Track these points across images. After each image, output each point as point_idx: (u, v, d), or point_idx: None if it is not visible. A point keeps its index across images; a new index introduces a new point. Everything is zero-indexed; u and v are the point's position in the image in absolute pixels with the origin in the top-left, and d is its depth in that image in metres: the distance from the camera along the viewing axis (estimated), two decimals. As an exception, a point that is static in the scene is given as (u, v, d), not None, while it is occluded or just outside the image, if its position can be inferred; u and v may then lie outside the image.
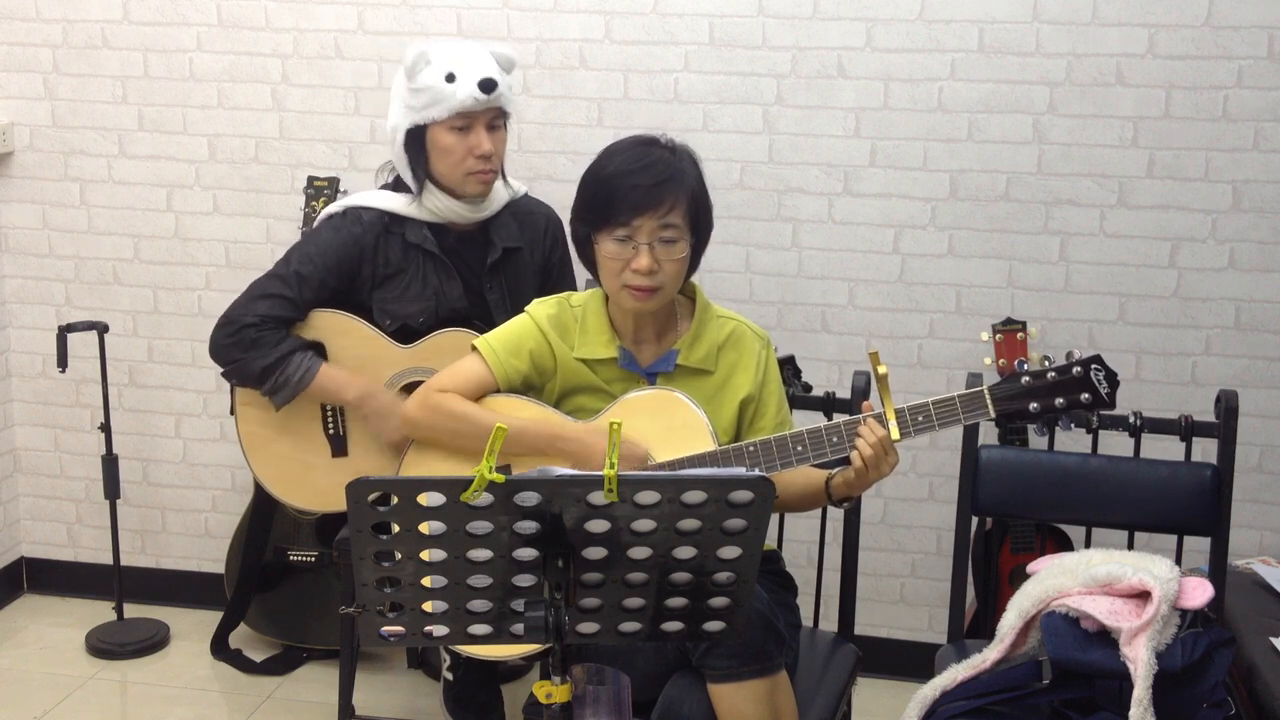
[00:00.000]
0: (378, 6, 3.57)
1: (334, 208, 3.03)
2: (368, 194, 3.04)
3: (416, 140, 2.92)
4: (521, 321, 2.54)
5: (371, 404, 2.91)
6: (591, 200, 2.41)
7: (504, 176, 3.05)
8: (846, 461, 2.32)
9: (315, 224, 3.08)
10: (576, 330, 2.51)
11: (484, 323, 3.01)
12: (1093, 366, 2.28)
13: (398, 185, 3.03)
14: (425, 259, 2.98)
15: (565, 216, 2.74)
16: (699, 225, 2.42)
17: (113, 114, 3.75)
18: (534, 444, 2.42)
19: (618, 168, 2.38)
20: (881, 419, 2.29)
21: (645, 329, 2.50)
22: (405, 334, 2.98)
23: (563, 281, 3.17)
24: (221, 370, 2.96)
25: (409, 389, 2.88)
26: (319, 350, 2.95)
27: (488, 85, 2.86)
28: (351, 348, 2.96)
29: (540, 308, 2.54)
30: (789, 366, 2.87)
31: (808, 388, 2.98)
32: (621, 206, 2.35)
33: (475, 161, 2.90)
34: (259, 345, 2.88)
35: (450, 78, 2.85)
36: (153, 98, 3.73)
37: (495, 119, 2.93)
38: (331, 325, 2.97)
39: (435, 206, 2.96)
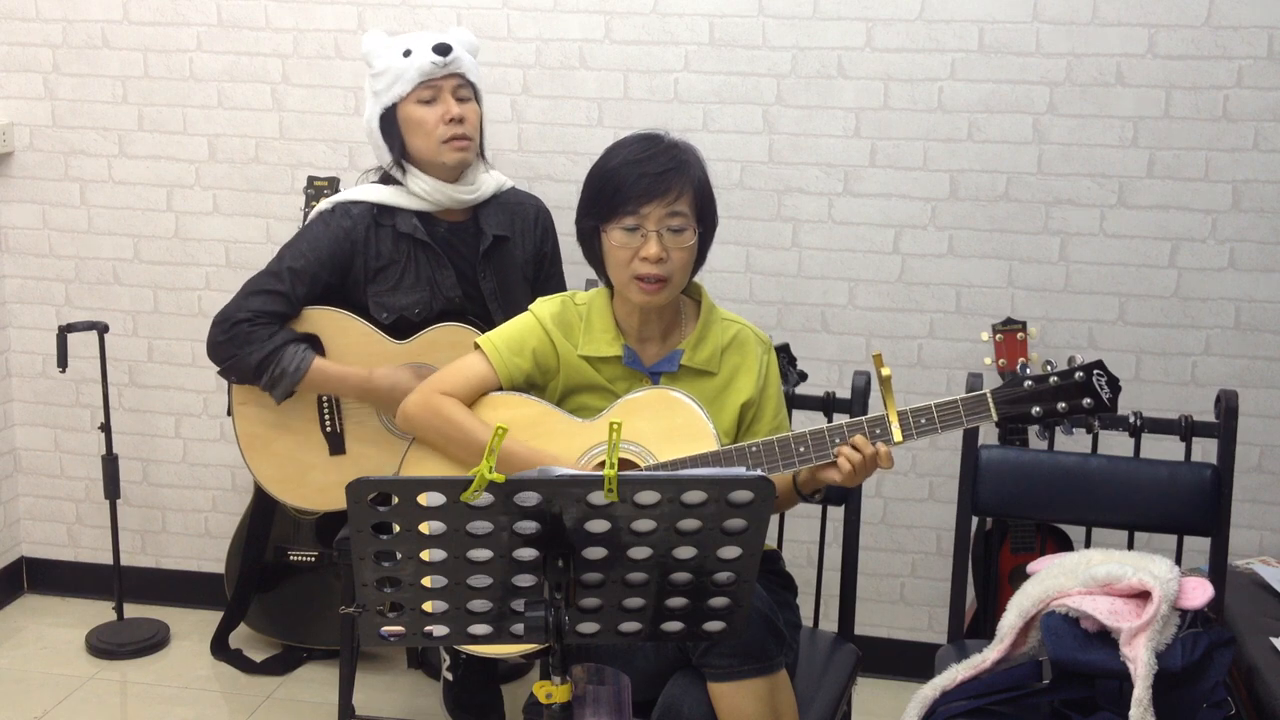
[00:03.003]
0: (378, 6, 3.57)
1: (324, 204, 3.06)
2: (357, 189, 3.05)
3: (390, 124, 2.97)
4: (525, 320, 2.54)
5: (373, 395, 2.92)
6: (599, 193, 2.42)
7: (484, 156, 3.07)
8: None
9: (307, 221, 3.09)
10: (581, 328, 2.51)
11: (478, 314, 3.02)
12: (1095, 372, 2.28)
13: (385, 182, 3.04)
14: (416, 249, 2.99)
15: (564, 215, 2.74)
16: (705, 215, 2.44)
17: (113, 114, 3.75)
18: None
19: (624, 159, 2.41)
20: (885, 426, 2.29)
21: (650, 327, 2.50)
22: (402, 326, 2.98)
23: (554, 273, 3.19)
24: (218, 369, 2.97)
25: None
26: (314, 344, 2.96)
27: (443, 48, 2.92)
28: (347, 344, 2.97)
29: (544, 306, 2.55)
30: (784, 354, 2.87)
31: (803, 375, 2.98)
32: (629, 195, 2.37)
33: (447, 128, 2.93)
34: (252, 340, 2.89)
35: (407, 53, 2.93)
36: (153, 98, 3.73)
37: (460, 88, 2.97)
38: (327, 321, 2.98)
39: (421, 189, 2.97)
